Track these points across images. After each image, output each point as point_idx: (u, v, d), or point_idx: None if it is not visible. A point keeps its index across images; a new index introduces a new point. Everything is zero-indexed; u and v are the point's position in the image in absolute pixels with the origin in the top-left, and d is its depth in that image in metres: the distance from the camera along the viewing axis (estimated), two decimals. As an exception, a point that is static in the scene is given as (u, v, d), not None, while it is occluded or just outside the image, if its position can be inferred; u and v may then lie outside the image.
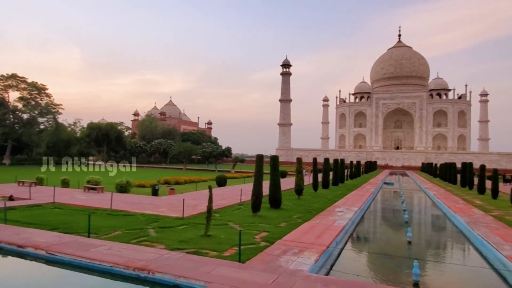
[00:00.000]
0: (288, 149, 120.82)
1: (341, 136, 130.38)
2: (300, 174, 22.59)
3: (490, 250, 11.38)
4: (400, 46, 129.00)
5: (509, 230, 13.97)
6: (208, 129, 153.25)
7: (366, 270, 10.28)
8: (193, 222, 13.32)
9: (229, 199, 20.67)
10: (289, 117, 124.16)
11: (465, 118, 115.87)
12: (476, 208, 20.66)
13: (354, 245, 13.87)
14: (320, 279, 7.65)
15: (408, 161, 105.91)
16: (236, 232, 11.12)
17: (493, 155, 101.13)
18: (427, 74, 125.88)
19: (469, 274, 10.19)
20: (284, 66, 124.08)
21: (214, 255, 9.06)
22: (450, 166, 47.01)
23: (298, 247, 10.21)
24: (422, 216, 22.48)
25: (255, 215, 15.37)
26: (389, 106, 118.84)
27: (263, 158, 16.67)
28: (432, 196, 28.76)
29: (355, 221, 16.52)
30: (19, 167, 57.09)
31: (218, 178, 33.01)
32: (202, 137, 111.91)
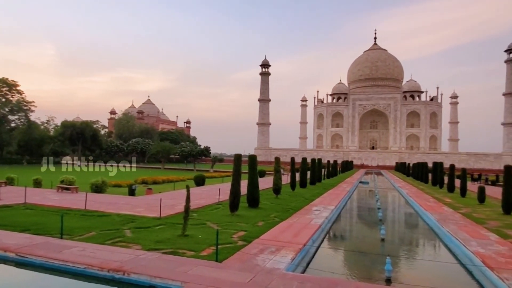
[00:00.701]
0: (267, 149, 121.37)
1: (319, 136, 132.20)
2: (278, 173, 22.79)
3: (458, 246, 11.90)
4: (376, 48, 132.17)
5: (476, 227, 14.65)
6: (187, 128, 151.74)
7: (341, 267, 10.53)
8: (170, 222, 13.20)
9: (207, 199, 20.60)
10: (268, 117, 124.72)
11: (437, 119, 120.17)
12: (446, 206, 21.52)
13: (330, 243, 14.17)
14: (296, 277, 7.79)
15: (383, 161, 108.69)
16: (213, 231, 11.11)
17: (462, 155, 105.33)
18: (401, 76, 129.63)
19: (439, 269, 10.63)
20: (263, 66, 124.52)
21: (191, 255, 9.04)
22: (422, 166, 48.64)
23: (275, 245, 10.33)
24: (395, 214, 23.18)
25: (233, 214, 15.40)
26: (365, 107, 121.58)
27: (241, 158, 16.74)
28: (405, 195, 29.68)
29: (331, 220, 16.84)
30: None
31: (197, 177, 32.80)
32: (181, 136, 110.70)
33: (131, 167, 53.42)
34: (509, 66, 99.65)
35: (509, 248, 11.05)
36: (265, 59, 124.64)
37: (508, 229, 14.21)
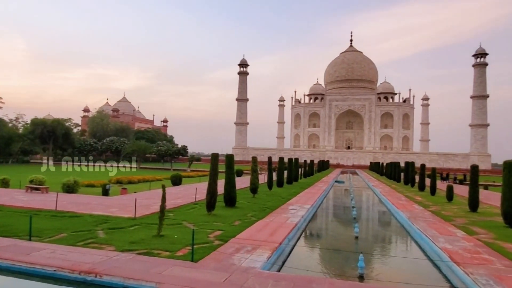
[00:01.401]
0: (245, 148, 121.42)
1: (296, 135, 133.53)
2: (255, 173, 22.87)
3: (427, 243, 12.36)
4: (352, 50, 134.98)
5: (444, 224, 15.26)
6: (164, 127, 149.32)
7: (316, 265, 10.71)
8: (145, 222, 13.00)
9: (184, 198, 20.41)
10: (246, 116, 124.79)
11: (409, 120, 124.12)
12: (416, 204, 22.28)
13: (306, 241, 14.37)
14: (271, 276, 7.86)
15: (358, 160, 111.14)
16: (190, 231, 11.03)
17: (433, 155, 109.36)
18: (375, 78, 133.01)
19: (409, 265, 11.00)
20: (241, 65, 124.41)
21: (167, 255, 8.94)
22: (394, 165, 50.11)
23: (251, 245, 10.38)
24: (369, 213, 23.78)
25: (209, 214, 15.34)
26: (341, 107, 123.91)
27: (218, 157, 16.69)
28: (378, 193, 30.48)
29: (307, 218, 17.08)
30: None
31: (173, 177, 32.40)
32: (157, 135, 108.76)
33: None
34: (476, 70, 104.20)
35: (474, 244, 11.59)
36: (243, 58, 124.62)
37: (474, 226, 14.89)
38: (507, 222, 14.63)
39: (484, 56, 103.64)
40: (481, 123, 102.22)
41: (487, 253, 10.37)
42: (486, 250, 10.73)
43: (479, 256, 10.08)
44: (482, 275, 8.32)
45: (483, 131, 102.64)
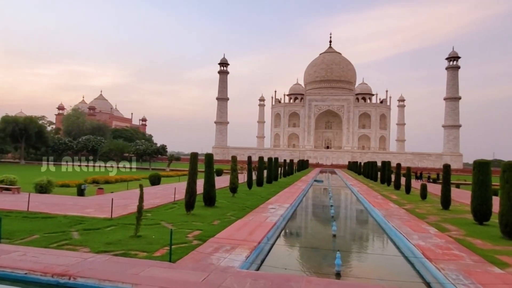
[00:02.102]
0: (225, 148, 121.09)
1: (276, 135, 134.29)
2: (234, 172, 22.86)
3: (401, 240, 12.72)
4: (331, 51, 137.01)
5: (418, 221, 15.74)
6: (143, 125, 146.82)
7: (294, 263, 10.82)
8: (122, 223, 12.76)
9: (163, 198, 20.16)
10: (226, 115, 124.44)
11: (386, 121, 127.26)
12: (392, 202, 22.88)
13: (285, 240, 14.49)
14: (250, 274, 7.89)
15: (337, 160, 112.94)
16: (168, 231, 10.90)
17: (408, 154, 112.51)
18: (354, 79, 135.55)
19: (384, 262, 11.31)
20: (221, 64, 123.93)
21: (144, 256, 8.81)
22: (372, 165, 51.24)
23: (230, 244, 10.38)
24: (347, 211, 24.22)
25: (188, 213, 15.23)
26: (321, 107, 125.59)
27: (198, 156, 16.59)
28: (355, 192, 31.09)
29: (286, 217, 17.22)
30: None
31: (152, 176, 31.92)
32: (136, 134, 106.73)
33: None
34: (449, 72, 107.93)
35: (446, 240, 12.02)
36: (223, 57, 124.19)
37: (446, 223, 15.44)
38: (477, 219, 15.25)
39: (456, 60, 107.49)
40: (453, 124, 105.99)
41: (457, 249, 10.78)
42: (457, 246, 11.15)
43: (450, 252, 10.46)
44: (452, 270, 8.64)
45: (455, 132, 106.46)
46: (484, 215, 14.99)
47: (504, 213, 12.28)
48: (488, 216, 15.02)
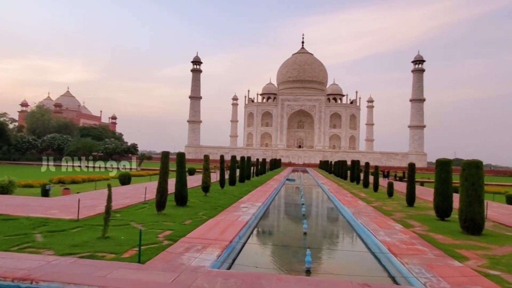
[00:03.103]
0: (197, 147, 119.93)
1: (249, 134, 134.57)
2: (207, 171, 22.71)
3: (369, 236, 13.13)
4: (303, 52, 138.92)
5: (384, 218, 16.32)
6: (112, 124, 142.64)
7: (265, 261, 10.92)
8: (89, 224, 12.37)
9: (133, 198, 19.71)
10: (199, 114, 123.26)
11: (356, 121, 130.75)
12: (360, 200, 23.57)
13: (256, 238, 14.58)
14: (220, 274, 7.90)
15: (309, 159, 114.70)
16: (138, 232, 10.70)
17: (376, 154, 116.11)
18: (325, 79, 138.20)
19: (353, 258, 11.65)
20: (194, 63, 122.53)
21: (112, 258, 8.60)
22: (342, 164, 52.50)
23: (201, 243, 10.32)
24: (318, 209, 24.69)
25: (159, 213, 14.99)
26: (293, 107, 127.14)
27: (169, 155, 16.38)
28: (326, 191, 31.74)
29: (258, 216, 17.32)
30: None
31: (122, 176, 31.10)
32: (105, 133, 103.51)
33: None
34: (415, 75, 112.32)
35: (410, 236, 12.54)
36: (196, 55, 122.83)
37: (410, 219, 16.10)
38: (439, 215, 16.02)
39: (421, 63, 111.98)
40: (418, 125, 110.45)
41: (420, 244, 11.28)
42: (420, 242, 11.66)
43: (413, 247, 10.93)
44: (415, 264, 9.04)
45: (420, 132, 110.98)
46: (446, 211, 15.78)
47: (463, 209, 12.97)
48: (449, 212, 15.82)
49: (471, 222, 12.75)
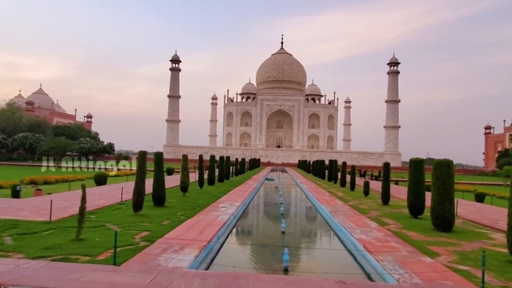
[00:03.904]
0: (176, 146, 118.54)
1: (228, 134, 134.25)
2: (185, 171, 22.51)
3: (345, 234, 13.40)
4: (283, 52, 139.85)
5: (361, 217, 16.68)
6: (88, 123, 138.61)
7: (243, 261, 10.93)
8: (62, 226, 12.00)
9: (109, 199, 19.29)
10: (178, 113, 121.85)
11: (333, 121, 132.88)
12: (338, 199, 23.99)
13: (235, 238, 14.59)
14: (198, 274, 7.86)
15: (288, 159, 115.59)
16: (113, 233, 10.49)
17: (353, 153, 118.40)
18: (304, 80, 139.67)
19: (330, 256, 11.85)
20: (173, 61, 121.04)
21: (86, 260, 8.39)
22: (320, 163, 53.26)
23: (179, 244, 10.23)
24: (296, 208, 24.93)
25: (136, 214, 14.74)
26: (272, 107, 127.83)
27: (147, 155, 16.14)
28: (304, 190, 32.10)
29: (237, 216, 17.32)
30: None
31: (97, 176, 30.33)
32: (80, 132, 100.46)
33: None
34: (390, 77, 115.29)
35: (385, 234, 12.88)
36: (175, 54, 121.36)
37: (385, 217, 16.54)
38: (412, 213, 16.53)
39: (396, 65, 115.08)
40: (393, 125, 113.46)
41: (394, 242, 11.61)
42: (394, 239, 12.00)
43: (388, 244, 11.24)
44: (390, 261, 9.30)
45: (395, 132, 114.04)
46: (418, 209, 16.30)
47: (434, 207, 13.44)
48: (421, 210, 16.35)
49: (442, 219, 13.23)
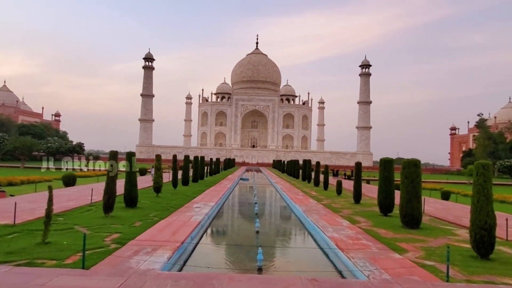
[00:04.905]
0: (150, 146, 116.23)
1: (203, 134, 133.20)
2: (159, 171, 22.14)
3: (318, 233, 13.62)
4: (258, 53, 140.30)
5: (333, 215, 17.02)
6: (56, 121, 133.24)
7: (218, 261, 10.90)
8: (28, 229, 11.49)
9: (78, 200, 18.64)
10: (151, 112, 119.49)
11: (307, 121, 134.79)
12: (311, 198, 24.35)
13: (209, 238, 14.50)
14: (171, 276, 7.74)
15: (262, 159, 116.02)
16: (82, 236, 10.15)
17: (327, 153, 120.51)
18: (279, 80, 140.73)
19: (303, 254, 12.03)
20: (146, 59, 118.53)
21: (53, 264, 8.07)
22: (294, 163, 53.88)
23: (152, 246, 10.04)
24: (271, 208, 25.10)
25: (107, 216, 14.33)
26: (247, 107, 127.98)
27: (118, 154, 15.75)
28: (279, 190, 32.35)
29: (211, 216, 17.22)
30: None
31: (66, 177, 29.26)
32: (48, 131, 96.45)
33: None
34: (362, 78, 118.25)
35: (356, 231, 13.21)
36: (148, 52, 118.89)
37: (357, 216, 16.96)
38: (382, 211, 17.05)
39: (368, 67, 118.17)
40: (365, 126, 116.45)
41: (365, 239, 11.93)
42: (365, 236, 12.33)
43: (359, 242, 11.53)
44: (360, 258, 9.55)
45: (366, 133, 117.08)
46: (388, 207, 16.83)
47: (403, 205, 13.92)
48: (391, 208, 16.89)
49: (410, 217, 13.73)
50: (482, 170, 9.70)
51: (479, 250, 9.64)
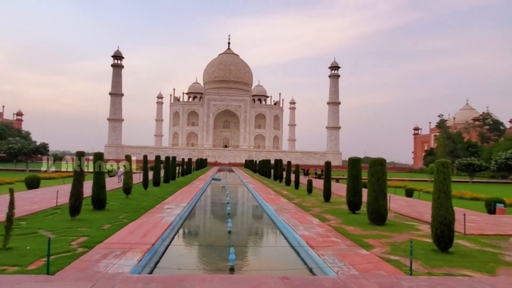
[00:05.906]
0: (119, 146, 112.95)
1: (175, 134, 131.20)
2: (128, 172, 21.62)
3: (290, 231, 13.85)
4: (230, 53, 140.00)
5: (304, 214, 17.34)
6: (18, 121, 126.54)
7: (189, 262, 10.84)
8: (-14, 235, 10.89)
9: (42, 203, 17.89)
10: (121, 112, 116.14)
11: (279, 121, 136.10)
12: (283, 197, 24.67)
13: (181, 239, 14.36)
14: (141, 279, 7.63)
15: (234, 159, 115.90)
16: (46, 240, 9.78)
17: (298, 153, 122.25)
18: (251, 81, 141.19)
19: (275, 253, 12.19)
20: (115, 57, 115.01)
21: (15, 271, 7.72)
22: (266, 163, 54.29)
23: (121, 248, 9.83)
24: (243, 207, 25.19)
25: (73, 219, 13.85)
26: (219, 107, 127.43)
27: (84, 155, 15.26)
28: (251, 189, 32.49)
29: (183, 217, 17.06)
30: None
31: (29, 179, 27.93)
32: (8, 131, 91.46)
33: None
34: (331, 80, 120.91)
35: (326, 229, 13.54)
36: (117, 50, 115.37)
37: (326, 214, 17.37)
38: (350, 209, 17.58)
39: (337, 69, 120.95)
40: (334, 126, 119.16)
41: (334, 236, 12.27)
42: (334, 234, 12.68)
43: (328, 239, 11.84)
44: (330, 255, 9.82)
45: (336, 133, 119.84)
46: (356, 205, 17.38)
47: (370, 203, 14.43)
48: (359, 206, 17.46)
49: (377, 214, 14.26)
50: (442, 168, 10.26)
51: (439, 244, 10.19)
